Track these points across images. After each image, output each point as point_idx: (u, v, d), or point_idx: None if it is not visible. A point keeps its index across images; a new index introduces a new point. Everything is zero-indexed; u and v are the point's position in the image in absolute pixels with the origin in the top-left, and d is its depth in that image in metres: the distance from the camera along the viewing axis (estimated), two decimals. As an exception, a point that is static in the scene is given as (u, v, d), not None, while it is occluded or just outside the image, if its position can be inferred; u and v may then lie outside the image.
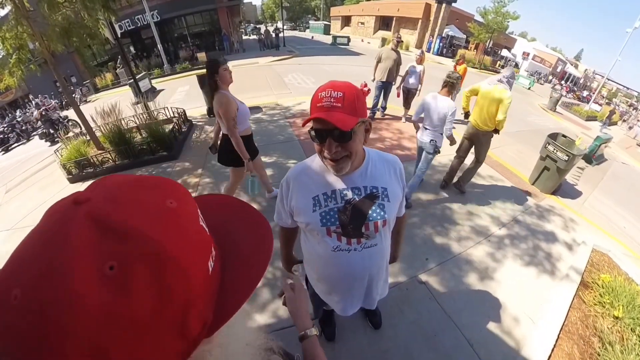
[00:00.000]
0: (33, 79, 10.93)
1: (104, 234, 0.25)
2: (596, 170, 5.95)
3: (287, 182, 1.06)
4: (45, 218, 0.28)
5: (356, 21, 32.15)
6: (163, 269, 0.26)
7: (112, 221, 0.26)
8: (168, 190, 0.31)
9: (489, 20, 18.05)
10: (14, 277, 0.24)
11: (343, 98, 0.80)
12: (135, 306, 0.24)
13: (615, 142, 8.26)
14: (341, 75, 10.56)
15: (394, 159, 1.09)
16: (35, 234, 0.26)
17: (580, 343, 2.08)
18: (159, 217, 0.28)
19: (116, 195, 0.28)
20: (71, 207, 0.26)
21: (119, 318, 0.23)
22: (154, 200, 0.29)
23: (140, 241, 0.25)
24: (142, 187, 0.30)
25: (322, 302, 1.32)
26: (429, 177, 4.01)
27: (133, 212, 0.27)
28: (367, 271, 1.08)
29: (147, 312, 0.24)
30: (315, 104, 0.84)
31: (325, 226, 0.98)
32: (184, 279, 0.27)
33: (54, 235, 0.25)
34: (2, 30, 3.58)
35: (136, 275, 0.24)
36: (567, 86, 25.34)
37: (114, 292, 0.23)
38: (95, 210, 0.26)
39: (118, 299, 0.23)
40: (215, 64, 2.23)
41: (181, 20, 17.45)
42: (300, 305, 0.67)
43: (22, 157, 7.04)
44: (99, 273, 0.23)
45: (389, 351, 1.91)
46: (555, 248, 3.04)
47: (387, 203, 1.00)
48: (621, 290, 2.47)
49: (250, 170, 2.54)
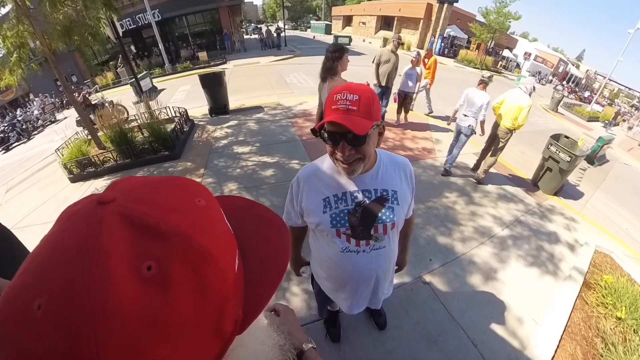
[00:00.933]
0: (34, 78, 10.95)
1: (139, 233, 0.23)
2: (598, 171, 5.94)
3: (298, 182, 1.06)
4: (63, 222, 0.26)
5: (357, 21, 32.10)
6: (203, 267, 0.25)
7: (146, 220, 0.24)
8: (194, 190, 0.31)
9: (490, 21, 17.99)
10: (33, 288, 0.22)
11: (359, 101, 0.79)
12: (176, 307, 0.23)
13: (616, 143, 8.24)
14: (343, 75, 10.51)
15: (405, 161, 1.09)
16: (53, 240, 0.25)
17: (583, 344, 2.08)
18: (193, 216, 0.27)
19: (142, 195, 0.27)
20: (97, 208, 0.24)
21: (160, 322, 0.22)
22: (183, 199, 0.29)
23: (179, 240, 0.24)
24: (167, 186, 0.29)
25: (327, 299, 1.33)
26: (432, 178, 4.01)
27: (166, 211, 0.26)
28: (375, 272, 1.09)
29: (187, 313, 0.23)
30: (330, 106, 0.82)
31: (335, 227, 0.99)
32: (221, 278, 0.27)
33: (81, 238, 0.23)
34: (3, 29, 3.57)
35: (176, 274, 0.23)
36: (568, 87, 25.30)
37: (154, 293, 0.22)
38: (126, 210, 0.24)
39: (158, 301, 0.22)
40: (342, 50, 2.68)
41: (182, 20, 17.45)
42: (291, 326, 0.67)
43: (23, 157, 7.04)
44: (136, 274, 0.22)
45: (393, 351, 1.91)
46: (558, 249, 3.03)
47: (396, 206, 1.00)
48: (624, 292, 2.46)
49: None
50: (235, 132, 5.46)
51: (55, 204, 3.91)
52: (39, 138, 9.38)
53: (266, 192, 3.52)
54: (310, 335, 0.71)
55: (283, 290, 2.28)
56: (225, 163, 4.33)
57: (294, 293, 2.26)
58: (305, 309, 2.15)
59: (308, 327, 2.01)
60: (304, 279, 2.30)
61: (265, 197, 3.42)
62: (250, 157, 4.47)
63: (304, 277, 1.48)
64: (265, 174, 3.96)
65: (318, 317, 2.01)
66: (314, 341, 0.66)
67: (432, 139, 5.36)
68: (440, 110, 7.01)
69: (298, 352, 0.65)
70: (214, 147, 4.89)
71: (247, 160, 4.38)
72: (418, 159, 4.53)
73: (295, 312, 2.28)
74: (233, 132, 5.50)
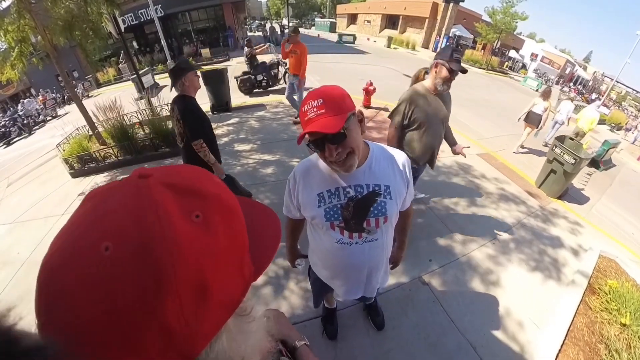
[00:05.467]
0: (35, 73, 11.00)
1: (182, 194, 0.29)
2: (604, 176, 5.83)
3: (294, 177, 1.10)
4: (100, 197, 0.29)
5: (362, 19, 31.92)
6: (232, 218, 0.32)
7: (183, 184, 0.30)
8: (206, 172, 0.36)
9: (497, 21, 17.78)
10: (95, 231, 0.25)
11: (324, 103, 0.83)
12: (220, 243, 0.29)
13: (623, 147, 8.09)
14: (346, 74, 10.51)
15: (400, 154, 1.10)
16: (97, 209, 0.28)
17: (586, 350, 2.04)
18: (216, 184, 0.34)
19: (173, 172, 0.32)
20: (140, 181, 0.29)
21: (211, 252, 0.28)
22: (203, 172, 0.35)
23: (214, 197, 0.31)
24: (184, 169, 0.34)
25: (323, 289, 1.40)
26: (434, 178, 3.96)
27: (195, 180, 0.32)
28: (367, 263, 1.14)
29: (227, 249, 0.30)
30: (303, 119, 0.87)
31: (329, 221, 1.03)
32: (242, 227, 0.33)
33: (135, 197, 0.27)
34: (4, 23, 3.56)
35: (215, 220, 0.29)
36: (575, 88, 25.03)
37: (202, 233, 0.28)
38: (166, 179, 0.29)
39: (207, 238, 0.28)
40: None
41: (185, 16, 17.40)
42: (282, 327, 0.70)
43: (24, 151, 7.08)
44: (189, 220, 0.28)
45: (391, 352, 1.89)
46: (561, 253, 2.98)
47: (388, 200, 1.03)
48: (629, 297, 2.42)
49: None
50: (236, 130, 5.44)
51: (57, 199, 3.91)
52: (40, 133, 9.43)
53: (266, 190, 3.50)
54: (307, 332, 0.71)
55: (281, 287, 2.27)
56: (226, 161, 4.30)
57: (292, 290, 2.26)
58: (302, 306, 2.14)
59: (305, 324, 2.00)
60: (302, 278, 2.29)
61: (265, 195, 3.40)
62: (251, 155, 4.46)
63: (299, 269, 1.53)
64: (265, 172, 3.94)
65: (315, 313, 2.01)
66: (308, 339, 0.68)
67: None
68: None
69: (291, 349, 0.68)
70: (215, 144, 4.87)
71: (248, 158, 4.36)
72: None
73: (293, 309, 2.28)
74: (234, 129, 5.48)
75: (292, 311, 2.09)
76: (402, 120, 2.10)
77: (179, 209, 0.27)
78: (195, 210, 0.28)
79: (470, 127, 6.42)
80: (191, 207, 0.28)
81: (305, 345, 0.67)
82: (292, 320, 2.00)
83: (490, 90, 12.12)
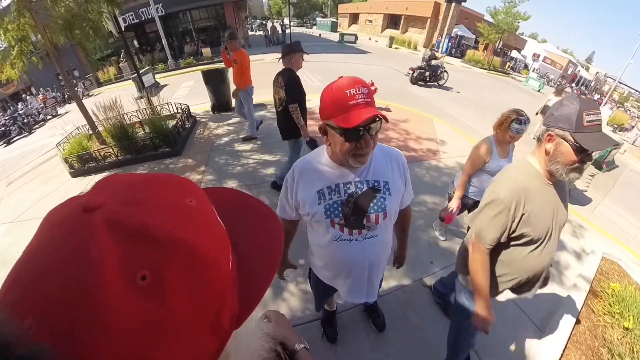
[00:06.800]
0: (35, 72, 10.98)
1: (129, 242, 0.23)
2: (607, 177, 5.79)
3: (293, 175, 1.08)
4: (47, 230, 0.24)
5: (364, 19, 31.86)
6: (198, 269, 0.25)
7: (135, 226, 0.23)
8: (183, 188, 0.30)
9: (499, 21, 17.72)
10: (21, 305, 0.21)
11: (368, 93, 0.85)
12: (174, 313, 0.23)
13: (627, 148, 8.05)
14: (348, 74, 10.38)
15: (396, 152, 1.12)
16: (39, 251, 0.23)
17: (588, 354, 2.02)
18: (184, 217, 0.27)
19: (131, 197, 0.26)
20: (82, 217, 0.23)
21: (158, 328, 0.22)
22: (173, 199, 0.28)
23: (171, 244, 0.24)
24: (156, 185, 0.28)
25: (324, 292, 1.38)
26: (435, 180, 3.94)
27: (156, 214, 0.25)
28: (367, 260, 1.13)
29: (185, 317, 0.24)
30: (348, 102, 0.83)
31: (330, 218, 1.03)
32: (216, 277, 0.27)
33: (69, 252, 0.22)
34: (4, 22, 3.55)
35: (171, 280, 0.23)
36: (577, 89, 24.94)
37: (149, 302, 0.22)
38: (113, 217, 0.23)
39: (154, 308, 0.22)
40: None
41: (186, 15, 17.38)
42: (283, 329, 0.70)
43: (24, 150, 7.07)
44: (131, 286, 0.22)
45: (391, 355, 1.88)
46: (563, 255, 2.96)
47: (388, 196, 1.04)
48: (632, 300, 2.39)
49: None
50: (237, 130, 5.42)
51: (57, 198, 3.91)
52: (40, 132, 9.43)
53: (266, 191, 3.49)
54: (306, 335, 0.69)
55: (280, 290, 2.25)
56: (226, 160, 4.30)
57: (291, 292, 2.24)
58: (302, 309, 2.12)
59: (305, 327, 1.99)
60: (302, 280, 2.27)
61: (265, 196, 3.39)
62: (251, 155, 4.44)
63: (287, 280, 1.49)
64: (266, 172, 3.92)
65: (315, 315, 1.99)
66: (308, 342, 0.67)
67: (437, 140, 5.28)
68: (443, 111, 6.92)
69: (290, 353, 0.67)
70: (216, 144, 4.86)
71: (248, 158, 4.35)
72: (422, 160, 4.45)
73: (292, 311, 2.25)
74: (235, 129, 5.47)
75: (291, 313, 2.08)
76: (501, 237, 1.18)
77: (123, 270, 0.22)
78: (142, 268, 0.22)
79: (474, 128, 6.39)
80: (138, 263, 0.23)
81: (305, 349, 0.66)
82: (290, 322, 1.98)
83: (494, 90, 12.06)
